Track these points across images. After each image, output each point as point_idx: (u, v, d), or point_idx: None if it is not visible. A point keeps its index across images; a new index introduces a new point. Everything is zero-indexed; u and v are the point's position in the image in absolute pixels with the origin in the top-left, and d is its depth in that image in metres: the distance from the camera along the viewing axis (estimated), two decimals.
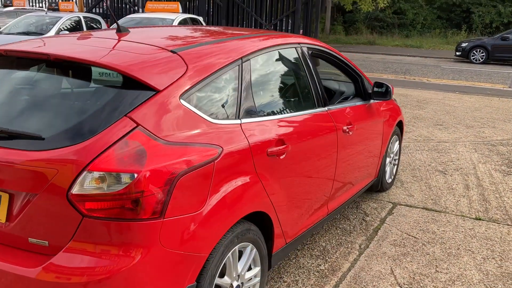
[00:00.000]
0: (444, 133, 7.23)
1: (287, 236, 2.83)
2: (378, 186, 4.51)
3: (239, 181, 2.26)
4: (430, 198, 4.58)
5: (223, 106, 2.34)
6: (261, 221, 2.59)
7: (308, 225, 3.12)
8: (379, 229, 3.90)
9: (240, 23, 12.84)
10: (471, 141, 6.82)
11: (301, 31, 11.94)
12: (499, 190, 4.84)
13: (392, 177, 4.85)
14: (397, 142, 4.83)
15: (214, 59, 2.38)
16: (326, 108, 3.21)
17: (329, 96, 4.31)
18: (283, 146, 2.60)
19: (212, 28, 3.39)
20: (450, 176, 5.26)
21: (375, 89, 3.93)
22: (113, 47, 2.29)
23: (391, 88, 3.90)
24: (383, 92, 3.90)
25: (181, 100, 2.10)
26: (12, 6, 14.08)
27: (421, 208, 4.35)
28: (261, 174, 2.43)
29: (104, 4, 14.70)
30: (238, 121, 2.37)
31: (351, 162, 3.60)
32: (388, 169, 4.69)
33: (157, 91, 2.04)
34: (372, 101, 4.00)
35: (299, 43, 3.17)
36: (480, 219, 4.13)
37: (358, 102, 3.82)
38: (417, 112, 8.78)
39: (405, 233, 3.83)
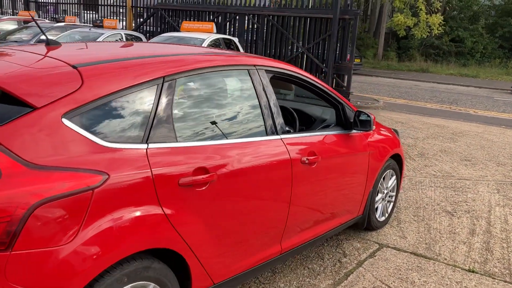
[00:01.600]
0: (469, 170, 6.63)
1: (215, 275, 2.55)
2: (364, 224, 4.11)
3: (131, 214, 2.03)
4: (424, 242, 4.12)
5: (125, 128, 2.13)
6: (177, 258, 2.34)
7: (250, 264, 2.82)
8: (352, 273, 3.51)
9: (277, 45, 12.71)
10: (496, 180, 6.20)
11: (336, 54, 11.61)
12: (509, 239, 4.28)
13: (386, 215, 4.42)
14: (394, 177, 4.41)
15: (124, 76, 2.19)
16: (279, 137, 2.93)
17: (308, 123, 4.02)
18: (205, 176, 2.34)
19: (157, 44, 3.20)
20: (458, 218, 4.74)
21: (359, 118, 3.59)
22: (14, 60, 2.16)
23: (372, 118, 3.54)
24: (364, 122, 3.56)
25: (63, 119, 1.92)
26: (64, 22, 14.73)
27: (410, 252, 3.90)
28: (168, 207, 2.18)
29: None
30: (143, 146, 2.15)
31: (317, 197, 3.26)
32: (380, 206, 4.28)
33: (34, 108, 1.87)
34: (354, 131, 3.66)
35: (254, 65, 2.93)
36: (473, 271, 3.63)
37: (332, 131, 3.50)
38: (447, 145, 8.17)
39: (379, 280, 3.41)
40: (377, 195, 4.19)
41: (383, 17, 29.32)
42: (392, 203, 4.51)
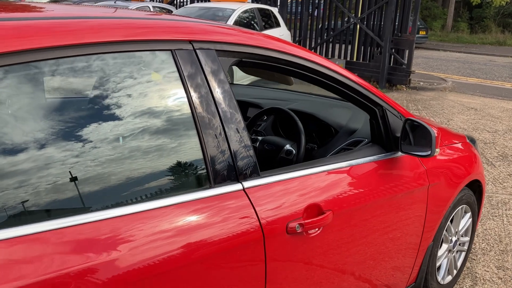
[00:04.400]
0: None
1: None
2: None
3: None
4: None
5: None
6: None
7: None
8: None
9: (325, 16, 11.00)
10: None
11: (394, 25, 9.74)
12: None
13: (454, 272, 2.84)
14: (468, 214, 2.81)
15: None
16: (239, 186, 1.46)
17: (326, 137, 2.51)
18: None
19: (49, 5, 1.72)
20: None
21: (412, 130, 2.03)
22: None
23: (433, 135, 1.96)
24: (420, 136, 2.00)
25: None
26: None
27: None
28: None
29: None
30: None
31: (324, 280, 1.79)
32: (444, 262, 2.72)
33: None
34: (400, 153, 2.10)
35: (189, 41, 1.45)
36: None
37: (359, 158, 1.96)
38: None
39: None
40: (440, 246, 2.63)
41: None
42: (463, 253, 2.92)
